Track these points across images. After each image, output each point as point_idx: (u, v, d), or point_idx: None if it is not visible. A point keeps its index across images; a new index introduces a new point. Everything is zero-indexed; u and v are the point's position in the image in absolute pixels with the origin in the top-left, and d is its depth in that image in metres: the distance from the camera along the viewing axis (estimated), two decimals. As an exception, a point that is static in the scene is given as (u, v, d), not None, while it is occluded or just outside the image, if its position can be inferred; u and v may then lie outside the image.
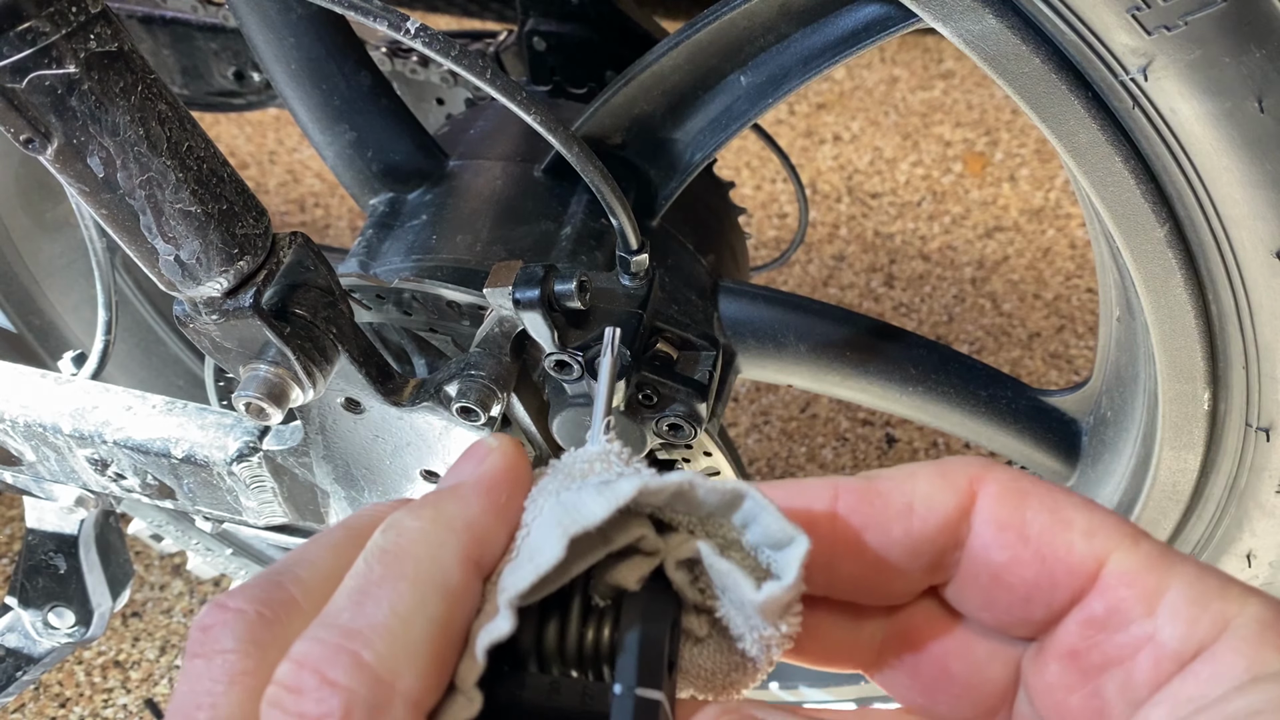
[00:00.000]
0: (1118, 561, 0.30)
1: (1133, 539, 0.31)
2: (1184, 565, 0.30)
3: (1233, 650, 0.28)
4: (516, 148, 0.89)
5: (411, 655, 0.27)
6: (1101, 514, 0.31)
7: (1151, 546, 0.31)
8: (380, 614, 0.27)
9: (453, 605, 0.29)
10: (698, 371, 0.75)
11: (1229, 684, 0.28)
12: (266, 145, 2.08)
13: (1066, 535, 0.31)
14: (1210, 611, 0.29)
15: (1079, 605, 0.31)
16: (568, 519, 0.29)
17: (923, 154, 1.98)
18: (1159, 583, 0.30)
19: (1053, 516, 0.31)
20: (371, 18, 0.56)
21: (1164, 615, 0.30)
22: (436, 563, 0.29)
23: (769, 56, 0.74)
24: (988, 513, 0.32)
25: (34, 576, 0.90)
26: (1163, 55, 0.51)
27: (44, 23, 0.48)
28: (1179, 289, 0.62)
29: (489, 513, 0.31)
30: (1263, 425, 0.68)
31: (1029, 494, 0.32)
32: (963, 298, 1.75)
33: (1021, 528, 0.31)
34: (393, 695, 0.26)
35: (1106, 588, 0.31)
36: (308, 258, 0.63)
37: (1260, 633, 0.28)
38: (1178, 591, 0.30)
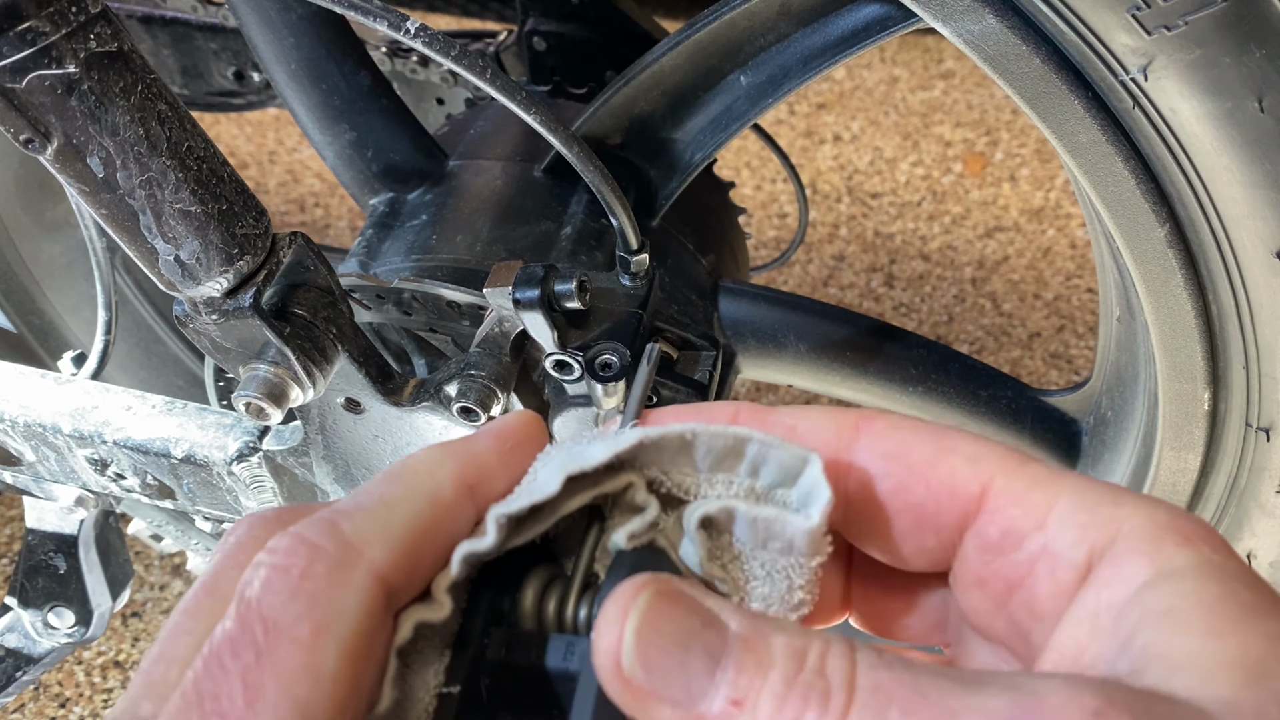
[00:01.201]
0: (1003, 482, 0.30)
1: (1019, 461, 0.30)
2: (1072, 479, 0.30)
3: (1132, 551, 0.28)
4: (516, 148, 0.89)
5: (385, 535, 0.29)
6: (988, 443, 0.31)
7: (1038, 467, 0.30)
8: (367, 500, 0.30)
9: (438, 511, 0.31)
10: (698, 371, 0.75)
11: (1136, 584, 0.27)
12: (266, 145, 2.08)
13: (950, 460, 0.31)
14: (1101, 516, 0.28)
15: (972, 530, 0.31)
16: (570, 462, 0.30)
17: (923, 154, 1.98)
18: (1047, 497, 0.29)
19: (936, 445, 0.31)
20: (371, 18, 0.55)
21: (1054, 526, 0.29)
22: (431, 475, 0.31)
23: (769, 56, 0.74)
24: (872, 444, 0.32)
25: (34, 576, 0.90)
26: (1163, 55, 0.51)
27: (44, 23, 0.48)
28: (1179, 289, 0.62)
29: (491, 451, 0.33)
30: (1263, 425, 0.68)
31: (914, 428, 0.32)
32: (963, 298, 1.75)
33: (905, 456, 0.31)
34: (357, 559, 0.28)
35: (994, 509, 0.30)
36: (307, 258, 0.63)
37: (1156, 532, 0.28)
38: (1066, 501, 0.29)
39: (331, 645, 0.27)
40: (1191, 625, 0.26)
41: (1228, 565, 0.27)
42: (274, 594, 0.27)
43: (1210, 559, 0.27)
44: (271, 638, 0.27)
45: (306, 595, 0.28)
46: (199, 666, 0.27)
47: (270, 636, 0.27)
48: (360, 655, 0.28)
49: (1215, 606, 0.26)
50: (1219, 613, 0.26)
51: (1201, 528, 0.28)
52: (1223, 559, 0.27)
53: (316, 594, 0.28)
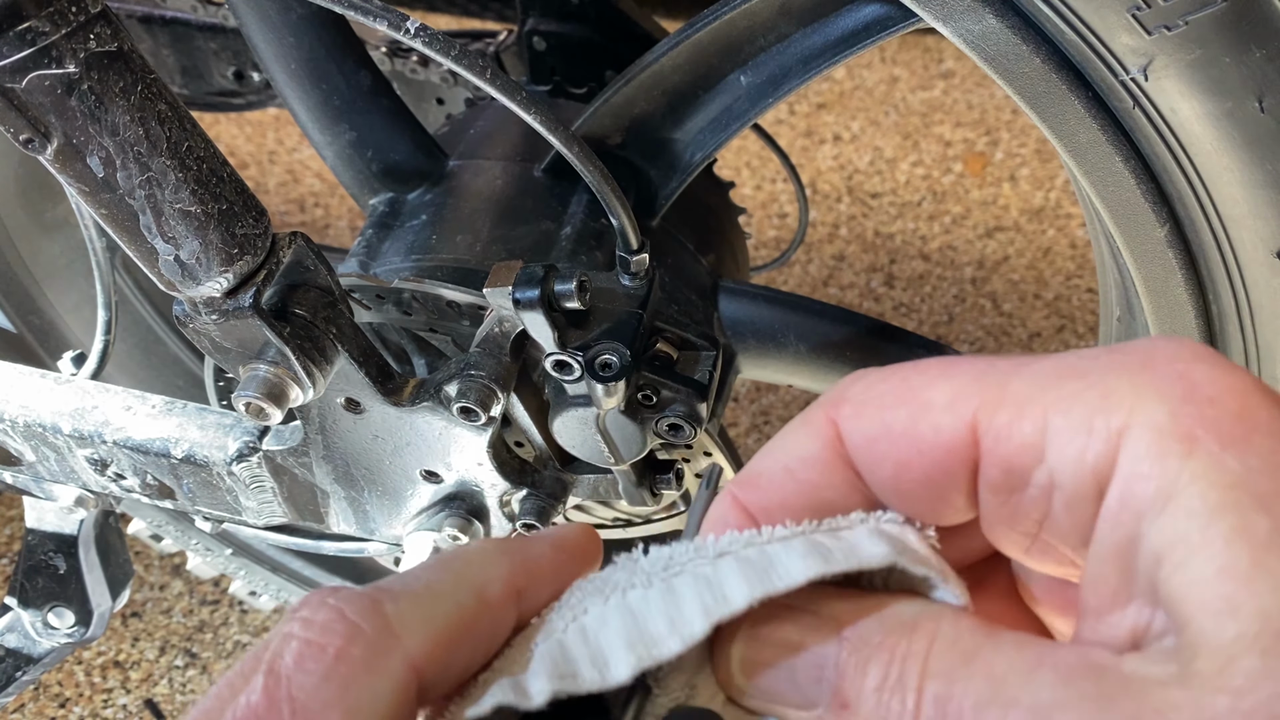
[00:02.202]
0: (987, 418, 0.27)
1: (998, 383, 0.27)
2: (1060, 387, 0.26)
3: (1135, 475, 0.24)
4: (516, 148, 0.88)
5: (426, 624, 0.28)
6: (961, 376, 0.28)
7: (1018, 384, 0.27)
8: (414, 584, 0.29)
9: (482, 609, 0.30)
10: (698, 371, 0.75)
11: (1146, 517, 0.24)
12: (266, 145, 2.08)
13: (930, 418, 0.28)
14: (1096, 433, 0.25)
15: (981, 476, 0.28)
16: (640, 645, 0.27)
17: (923, 154, 1.98)
18: (1036, 424, 0.26)
19: (910, 407, 0.28)
20: (371, 17, 0.55)
21: (1052, 456, 0.26)
22: (482, 570, 0.30)
23: (769, 56, 0.74)
24: (852, 436, 0.29)
25: (34, 576, 0.90)
26: (1163, 55, 0.51)
27: (44, 22, 0.48)
28: (1179, 289, 0.62)
29: (546, 558, 0.32)
30: (1263, 425, 0.68)
31: (880, 395, 0.29)
32: (963, 298, 1.75)
33: (887, 433, 0.29)
34: (395, 647, 0.27)
35: (988, 449, 0.27)
36: (307, 258, 0.63)
37: (1157, 442, 0.24)
38: (1058, 423, 0.26)
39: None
40: (1202, 590, 0.23)
41: (1240, 471, 0.23)
42: (306, 673, 0.26)
43: (1217, 469, 0.23)
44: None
45: (340, 680, 0.26)
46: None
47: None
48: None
49: (1226, 557, 0.23)
50: (1230, 568, 0.22)
51: (1203, 412, 0.24)
52: (1236, 457, 0.23)
53: (350, 679, 0.26)
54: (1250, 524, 0.23)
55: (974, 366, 0.28)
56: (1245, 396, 0.24)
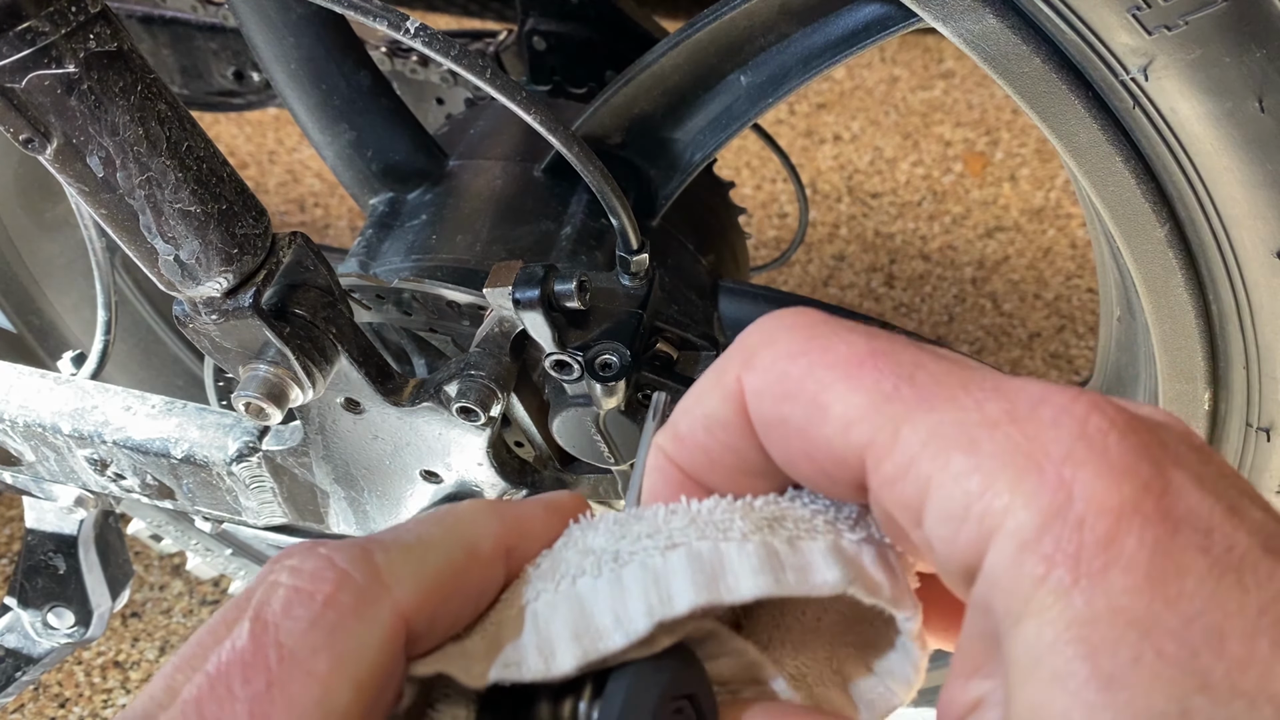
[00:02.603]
0: (876, 462, 0.26)
1: (891, 428, 0.26)
2: (948, 456, 0.25)
3: (994, 586, 0.24)
4: (516, 147, 0.88)
5: (416, 575, 0.28)
6: (863, 392, 0.26)
7: (912, 435, 0.25)
8: (405, 535, 0.29)
9: (472, 563, 0.30)
10: (698, 371, 0.75)
11: (995, 632, 0.24)
12: (266, 145, 2.08)
13: (824, 429, 0.27)
14: (970, 522, 0.24)
15: (870, 502, 0.28)
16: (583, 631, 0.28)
17: (923, 154, 1.98)
18: (918, 487, 0.25)
19: (809, 408, 0.27)
20: (371, 17, 0.55)
21: (928, 527, 0.25)
22: (473, 526, 0.30)
23: (769, 56, 0.74)
24: (756, 413, 0.29)
25: (33, 577, 0.90)
26: (1163, 55, 0.51)
27: (44, 22, 0.48)
28: (1179, 289, 0.62)
29: (538, 519, 0.32)
30: (1263, 425, 0.68)
31: (787, 378, 0.28)
32: (963, 298, 1.75)
33: (782, 424, 0.28)
34: (384, 595, 0.27)
35: (874, 490, 0.27)
36: (307, 258, 0.63)
37: (1019, 557, 0.23)
38: (937, 500, 0.25)
39: (347, 683, 0.26)
40: (1023, 710, 0.23)
41: (1082, 612, 0.22)
42: (293, 619, 0.26)
43: (1062, 605, 0.22)
44: (285, 667, 0.25)
45: (328, 626, 0.26)
46: (203, 683, 0.25)
47: (284, 665, 0.25)
48: (374, 694, 0.26)
49: (1044, 695, 0.22)
50: (1045, 705, 0.22)
51: (1066, 534, 0.23)
52: (1082, 595, 0.22)
53: (338, 625, 0.26)
54: (1072, 671, 0.22)
55: (879, 385, 0.27)
56: (1118, 519, 0.23)
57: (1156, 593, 0.22)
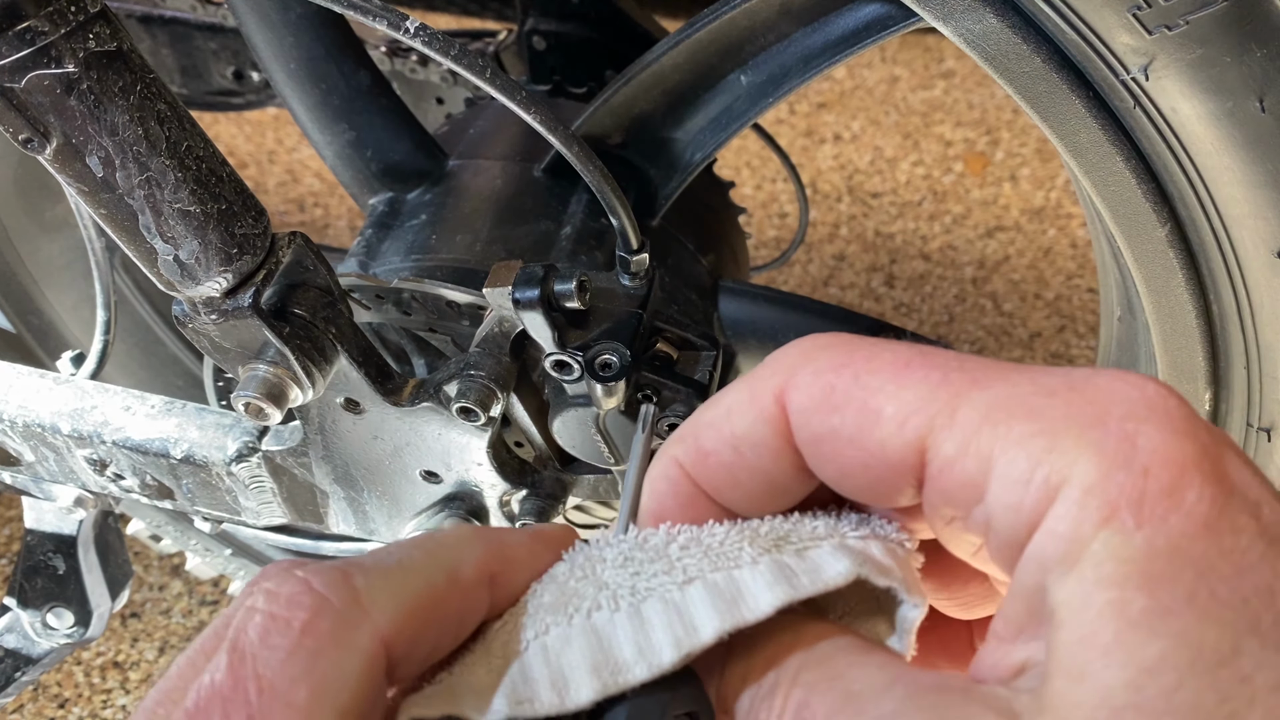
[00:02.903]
0: (936, 446, 0.27)
1: (948, 410, 0.26)
2: (1009, 427, 0.25)
3: (1052, 535, 0.24)
4: (516, 147, 0.88)
5: (395, 599, 0.28)
6: (914, 387, 0.27)
7: (971, 411, 0.26)
8: (386, 560, 0.29)
9: (453, 589, 0.29)
10: (698, 371, 0.75)
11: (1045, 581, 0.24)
12: (266, 145, 2.08)
13: (878, 432, 0.27)
14: (1035, 484, 0.25)
15: (925, 491, 0.28)
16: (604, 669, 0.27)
17: (923, 153, 1.98)
18: (981, 460, 0.26)
19: (859, 414, 0.28)
20: (371, 17, 0.55)
21: (992, 498, 0.26)
22: (455, 551, 0.30)
23: (769, 56, 0.74)
24: (799, 431, 0.29)
25: (33, 577, 0.90)
26: (1164, 55, 0.51)
27: (43, 22, 0.48)
28: (1180, 289, 0.62)
29: (523, 547, 0.32)
30: (1264, 426, 0.68)
31: (834, 391, 0.28)
32: (964, 297, 1.75)
33: (833, 437, 0.28)
34: (364, 620, 0.27)
35: (933, 476, 0.27)
36: (307, 257, 0.63)
37: (1082, 504, 0.24)
38: (1002, 467, 0.25)
39: (328, 712, 0.25)
40: (1065, 654, 0.23)
41: (1142, 549, 0.23)
42: (271, 649, 0.26)
43: (1122, 543, 0.23)
44: (265, 699, 0.25)
45: (306, 654, 0.26)
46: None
47: (264, 698, 0.25)
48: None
49: (1093, 628, 0.23)
50: (1093, 639, 0.23)
51: (1132, 481, 0.24)
52: (1145, 534, 0.23)
53: (317, 653, 0.26)
54: (1128, 600, 0.23)
55: (928, 377, 0.27)
56: (1181, 472, 0.24)
57: (1213, 542, 0.23)
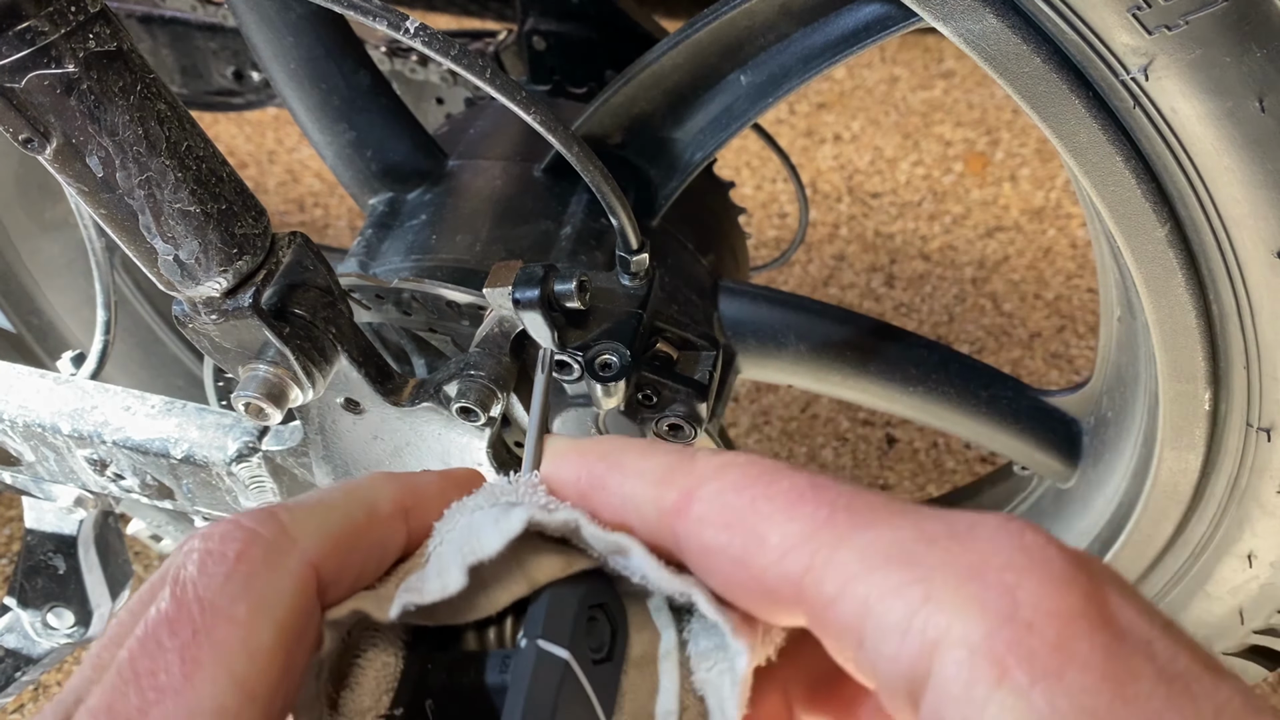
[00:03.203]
0: (816, 584, 0.26)
1: (829, 549, 0.26)
2: (885, 574, 0.25)
3: (945, 698, 0.23)
4: (516, 147, 0.88)
5: (320, 530, 0.30)
6: (802, 520, 0.27)
7: (850, 553, 0.26)
8: (309, 500, 0.32)
9: (372, 520, 0.32)
10: (698, 371, 0.75)
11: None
12: (266, 145, 2.08)
13: (760, 559, 0.27)
14: (912, 635, 0.24)
15: (811, 626, 0.28)
16: (468, 548, 0.30)
17: (923, 154, 1.98)
18: (858, 605, 0.25)
19: (747, 538, 0.28)
20: (371, 17, 0.55)
21: (869, 646, 0.25)
22: (371, 489, 0.33)
23: (769, 56, 0.74)
24: (691, 539, 0.29)
25: (33, 577, 0.90)
26: (1163, 55, 0.51)
27: (43, 22, 0.48)
28: (1180, 289, 0.62)
29: (433, 484, 0.34)
30: (1264, 425, 0.68)
31: (729, 510, 0.29)
32: (963, 298, 1.75)
33: (721, 553, 0.28)
34: (292, 547, 0.29)
35: (813, 615, 0.27)
36: (307, 257, 0.63)
37: (970, 664, 0.23)
38: (878, 615, 0.25)
39: (267, 624, 0.28)
40: None
41: (1044, 708, 0.22)
42: (209, 575, 0.28)
43: (1025, 707, 0.23)
44: (208, 616, 0.27)
45: (242, 577, 0.28)
46: (134, 646, 0.27)
47: (207, 615, 0.27)
48: (294, 636, 0.28)
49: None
50: None
51: (1019, 637, 0.23)
52: (1043, 694, 0.23)
53: (252, 575, 0.28)
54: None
55: (816, 513, 0.27)
56: (1066, 623, 0.23)
57: (1115, 692, 0.22)
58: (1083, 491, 0.89)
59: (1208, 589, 0.82)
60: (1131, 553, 0.83)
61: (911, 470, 1.54)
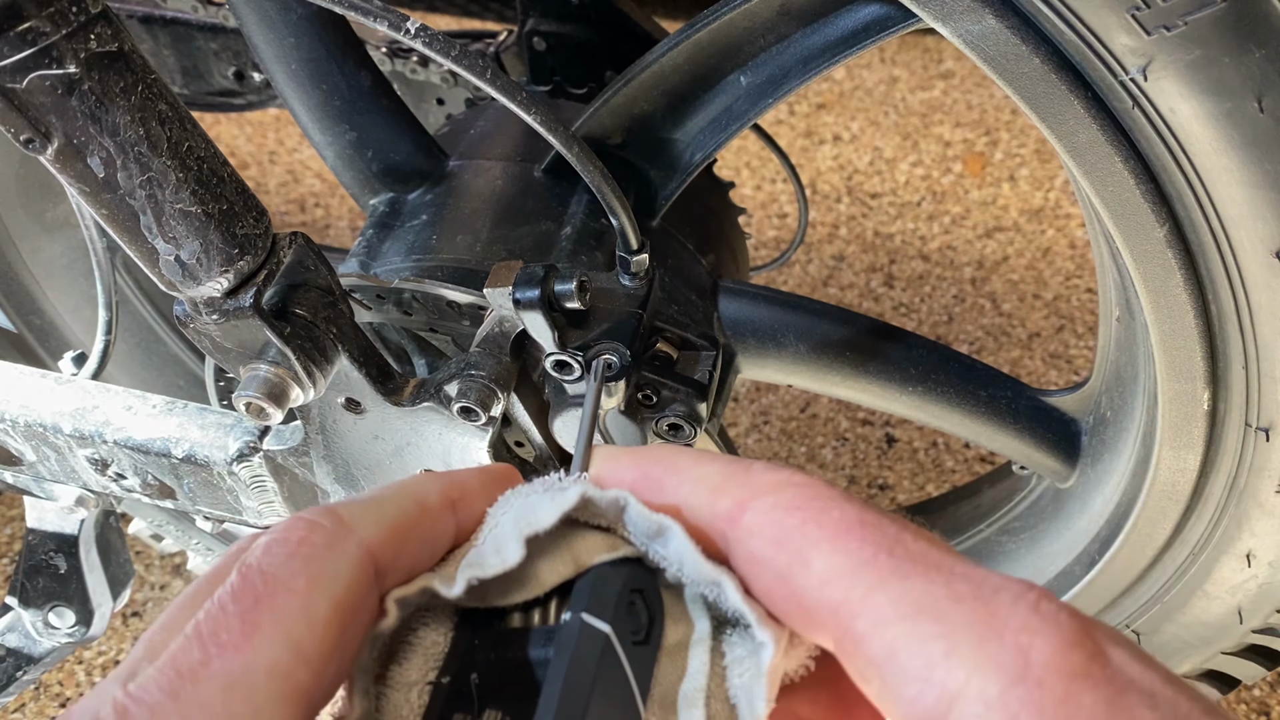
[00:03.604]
0: (849, 619, 0.29)
1: (866, 591, 0.28)
2: (915, 624, 0.28)
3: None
4: (516, 148, 0.89)
5: (376, 521, 0.33)
6: (847, 555, 0.29)
7: (885, 599, 0.28)
8: (363, 496, 0.35)
9: (423, 513, 0.35)
10: (698, 371, 0.75)
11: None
12: (266, 145, 2.08)
13: (801, 580, 0.30)
14: (932, 685, 0.26)
15: (837, 652, 0.30)
16: (523, 521, 0.33)
17: (922, 154, 1.98)
18: (885, 647, 0.28)
19: (793, 557, 0.30)
20: (371, 18, 0.56)
21: (890, 686, 0.27)
22: (419, 486, 0.36)
23: (769, 56, 0.74)
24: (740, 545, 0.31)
25: (34, 576, 0.90)
26: (1162, 55, 0.51)
27: (44, 23, 0.48)
28: (1179, 289, 0.62)
29: (474, 478, 0.37)
30: (1262, 425, 0.68)
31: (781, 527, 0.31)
32: (962, 298, 1.75)
33: (766, 565, 0.31)
34: (351, 535, 0.32)
35: (843, 646, 0.29)
36: (308, 258, 0.63)
37: (985, 715, 0.26)
38: (902, 660, 0.27)
39: (324, 597, 0.30)
40: None
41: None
42: (273, 555, 0.31)
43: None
44: (270, 586, 0.30)
45: (303, 557, 0.31)
46: (202, 616, 0.29)
47: (269, 585, 0.30)
48: (349, 610, 0.31)
49: None
50: None
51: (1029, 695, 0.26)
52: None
53: (312, 556, 0.31)
54: None
55: (862, 551, 0.29)
56: (1074, 680, 0.26)
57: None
58: (1082, 491, 0.90)
59: (1206, 588, 0.82)
60: (1130, 552, 0.83)
61: (911, 470, 1.54)
